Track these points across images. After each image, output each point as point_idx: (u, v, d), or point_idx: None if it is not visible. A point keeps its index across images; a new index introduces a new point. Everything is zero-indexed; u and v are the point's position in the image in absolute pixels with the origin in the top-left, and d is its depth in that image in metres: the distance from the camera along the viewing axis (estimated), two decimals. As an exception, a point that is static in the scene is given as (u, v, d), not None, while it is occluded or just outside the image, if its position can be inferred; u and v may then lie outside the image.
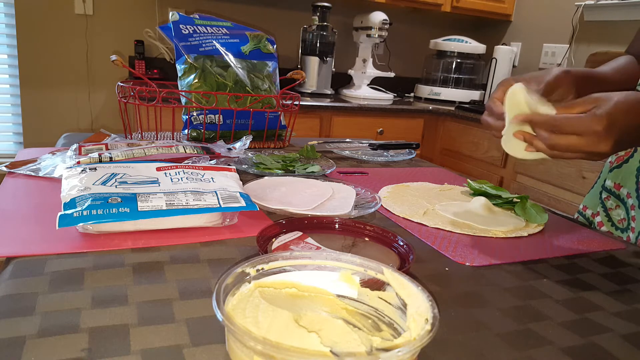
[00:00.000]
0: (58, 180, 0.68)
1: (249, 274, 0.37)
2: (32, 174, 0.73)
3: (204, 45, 1.03)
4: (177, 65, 1.03)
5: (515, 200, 0.78)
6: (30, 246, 0.50)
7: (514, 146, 0.57)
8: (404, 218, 0.70)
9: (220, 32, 1.06)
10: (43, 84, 2.37)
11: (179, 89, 1.01)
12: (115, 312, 0.40)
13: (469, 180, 0.88)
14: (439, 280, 0.52)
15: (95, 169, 0.60)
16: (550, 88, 0.61)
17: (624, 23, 2.28)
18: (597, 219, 0.81)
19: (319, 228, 0.60)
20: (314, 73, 2.51)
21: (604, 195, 0.79)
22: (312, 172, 0.88)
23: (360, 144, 1.18)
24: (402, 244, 0.55)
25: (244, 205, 0.58)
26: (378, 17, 2.51)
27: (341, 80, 2.78)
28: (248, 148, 1.02)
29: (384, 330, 0.37)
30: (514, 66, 2.78)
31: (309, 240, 0.56)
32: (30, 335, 0.36)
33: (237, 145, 0.87)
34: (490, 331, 0.43)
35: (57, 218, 0.49)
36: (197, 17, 1.07)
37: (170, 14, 1.05)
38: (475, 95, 2.76)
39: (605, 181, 0.81)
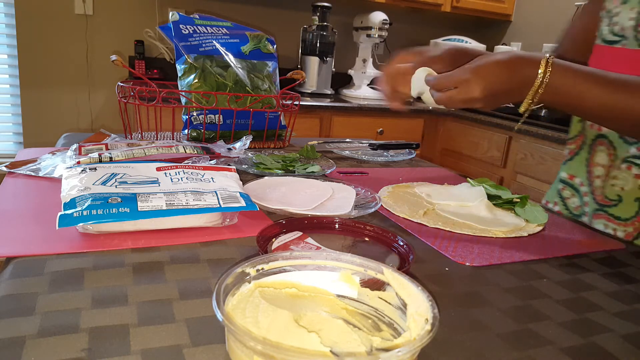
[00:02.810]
0: (58, 180, 0.68)
1: (249, 274, 0.37)
2: (32, 174, 0.73)
3: (204, 45, 1.03)
4: (177, 65, 1.03)
5: (515, 200, 0.78)
6: (30, 246, 0.50)
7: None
8: (404, 218, 0.70)
9: (220, 32, 1.06)
10: (43, 84, 2.37)
11: (179, 89, 1.01)
12: (115, 312, 0.40)
13: (468, 179, 0.88)
14: (439, 280, 0.52)
15: (95, 169, 0.60)
16: (430, 61, 0.71)
17: (624, 23, 2.28)
18: (556, 207, 0.90)
19: (319, 228, 0.60)
20: (314, 73, 2.51)
21: (561, 186, 0.88)
22: (312, 172, 0.88)
23: (360, 144, 1.18)
24: (402, 244, 0.55)
25: (244, 205, 0.58)
26: (378, 17, 2.51)
27: (341, 80, 2.78)
28: (248, 148, 1.02)
29: (384, 330, 0.37)
30: (514, 66, 2.78)
31: (309, 240, 0.56)
32: (30, 335, 0.36)
33: (237, 145, 0.87)
34: (490, 331, 0.43)
35: (57, 218, 0.49)
36: (197, 17, 1.07)
37: (170, 14, 1.05)
38: (475, 95, 2.76)
39: (561, 174, 0.89)
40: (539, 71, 0.59)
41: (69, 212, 0.50)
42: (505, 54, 0.61)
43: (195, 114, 0.99)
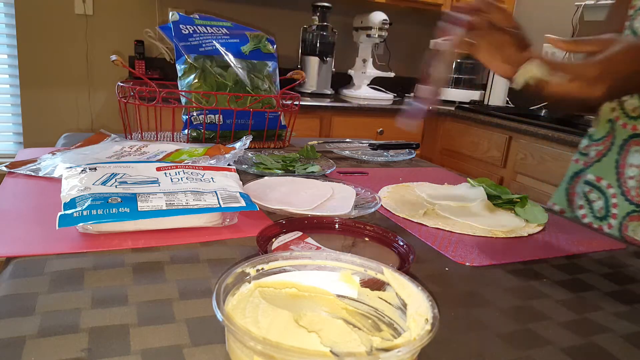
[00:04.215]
0: (58, 180, 0.68)
1: (249, 274, 0.37)
2: (32, 174, 0.73)
3: (204, 45, 1.03)
4: (177, 65, 1.03)
5: (515, 200, 0.78)
6: (30, 246, 0.50)
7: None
8: (404, 218, 0.70)
9: (220, 32, 1.06)
10: (43, 84, 2.37)
11: (179, 89, 1.01)
12: (115, 312, 0.40)
13: (468, 179, 0.88)
14: (439, 280, 0.52)
15: (95, 169, 0.60)
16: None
17: (624, 23, 2.28)
18: (581, 211, 0.88)
19: (319, 228, 0.60)
20: (314, 73, 2.51)
21: (587, 189, 0.85)
22: (312, 172, 0.88)
23: (360, 144, 1.18)
24: (402, 244, 0.55)
25: (244, 205, 0.58)
26: (378, 17, 2.51)
27: (341, 80, 2.78)
28: (248, 148, 1.02)
29: (384, 330, 0.37)
30: (514, 66, 2.78)
31: (309, 240, 0.56)
32: (30, 335, 0.36)
33: (237, 145, 0.87)
34: (490, 331, 0.43)
35: (57, 218, 0.49)
36: (197, 17, 1.07)
37: (170, 14, 1.05)
38: (475, 95, 2.76)
39: (587, 176, 0.87)
40: None
41: (69, 212, 0.50)
42: (620, 44, 0.54)
43: (195, 114, 0.99)
